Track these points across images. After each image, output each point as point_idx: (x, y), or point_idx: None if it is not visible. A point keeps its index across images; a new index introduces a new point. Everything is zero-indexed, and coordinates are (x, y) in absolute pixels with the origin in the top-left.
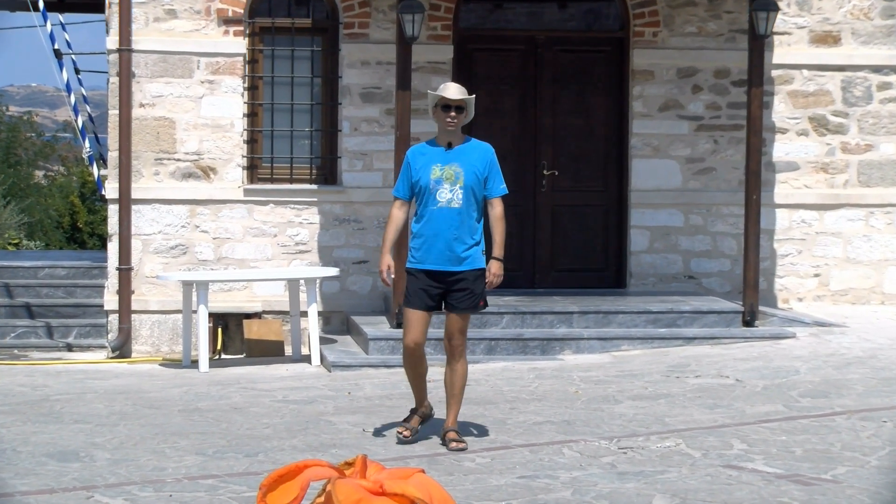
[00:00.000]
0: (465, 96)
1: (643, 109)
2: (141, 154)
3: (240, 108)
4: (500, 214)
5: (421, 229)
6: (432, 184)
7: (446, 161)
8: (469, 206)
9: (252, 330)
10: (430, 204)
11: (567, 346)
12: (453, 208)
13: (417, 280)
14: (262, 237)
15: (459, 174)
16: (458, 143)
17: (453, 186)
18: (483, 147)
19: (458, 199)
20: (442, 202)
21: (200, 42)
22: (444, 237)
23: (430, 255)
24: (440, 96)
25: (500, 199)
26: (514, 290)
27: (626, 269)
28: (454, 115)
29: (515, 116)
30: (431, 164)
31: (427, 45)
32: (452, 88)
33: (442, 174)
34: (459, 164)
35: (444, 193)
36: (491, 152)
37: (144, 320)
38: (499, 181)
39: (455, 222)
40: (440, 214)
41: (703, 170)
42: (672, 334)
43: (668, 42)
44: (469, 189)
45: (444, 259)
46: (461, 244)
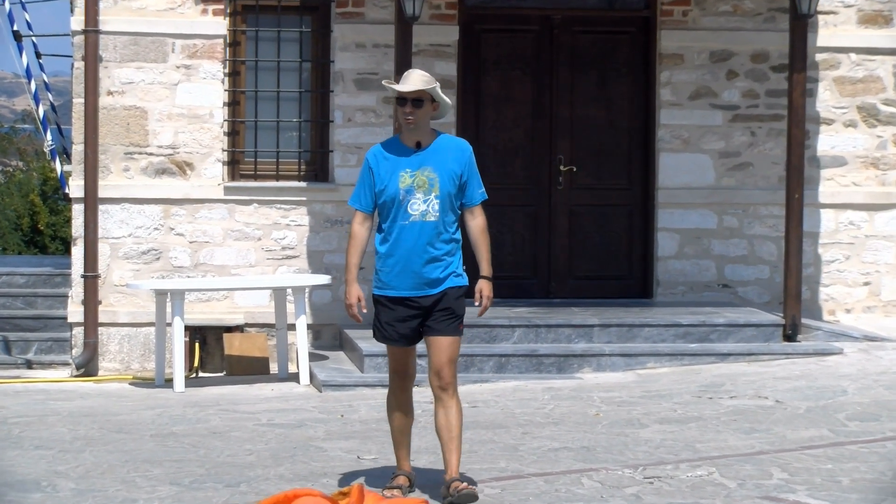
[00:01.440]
0: (422, 87)
1: (672, 98)
2: (109, 148)
3: (220, 97)
4: (483, 225)
5: (389, 249)
6: (402, 194)
7: (417, 165)
8: (446, 217)
9: (233, 345)
10: (398, 218)
11: (586, 363)
12: (428, 222)
13: (388, 310)
14: (244, 241)
15: (434, 180)
16: (427, 142)
17: (427, 196)
18: (458, 145)
19: (433, 210)
20: (414, 215)
21: (176, 22)
22: (419, 258)
23: (401, 280)
24: (393, 88)
25: (481, 207)
26: (528, 301)
27: (652, 276)
28: (411, 109)
29: (528, 106)
30: (399, 170)
31: (430, 26)
32: (411, 79)
33: (413, 181)
34: (433, 168)
35: (416, 205)
36: (469, 151)
37: (113, 334)
38: (477, 185)
39: (431, 239)
40: (412, 230)
41: (739, 165)
42: (704, 350)
43: (700, 22)
44: (446, 197)
45: (418, 284)
46: (439, 265)
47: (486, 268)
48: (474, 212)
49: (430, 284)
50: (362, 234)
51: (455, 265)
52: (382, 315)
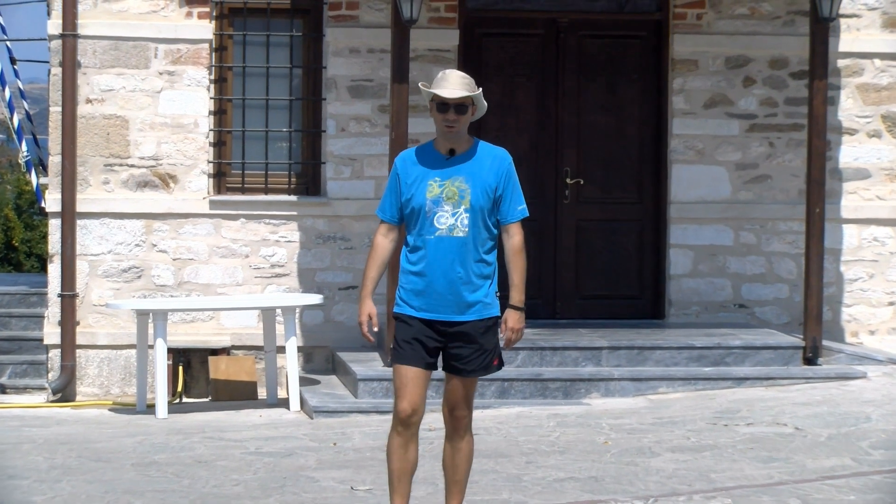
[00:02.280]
0: (467, 92)
1: (685, 106)
2: (88, 159)
3: (205, 105)
4: (518, 246)
5: (412, 264)
6: (428, 204)
7: (447, 174)
8: (478, 235)
9: (219, 368)
10: (425, 231)
11: (594, 387)
12: (456, 237)
13: (410, 327)
14: (231, 258)
15: (465, 192)
16: (462, 149)
17: (456, 209)
18: (497, 154)
19: (462, 225)
20: (441, 229)
21: (159, 26)
22: (445, 276)
23: (426, 300)
24: (434, 93)
25: (520, 226)
26: (532, 321)
27: (664, 296)
28: (454, 116)
29: (533, 114)
30: (428, 178)
31: (428, 30)
32: (451, 81)
33: (442, 192)
34: (465, 179)
35: (444, 218)
36: (507, 161)
37: (92, 357)
38: (517, 200)
39: (459, 256)
40: (439, 246)
41: (757, 178)
42: (719, 374)
43: (715, 26)
44: (478, 212)
45: (444, 305)
46: (468, 286)
47: (517, 295)
48: (510, 230)
49: (455, 309)
50: (385, 247)
51: (484, 291)
52: (400, 332)
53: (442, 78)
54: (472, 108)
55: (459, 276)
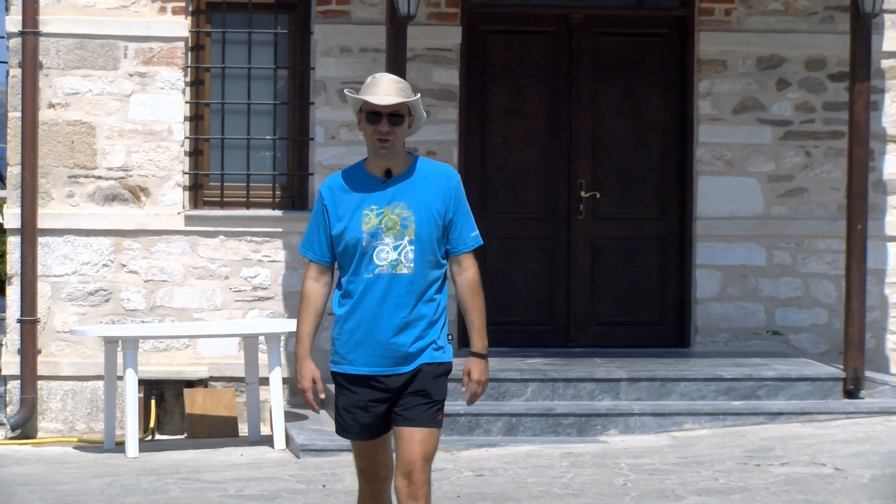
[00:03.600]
0: (402, 98)
1: (712, 111)
2: (51, 169)
3: (180, 110)
4: (475, 281)
5: (348, 311)
6: (366, 238)
7: (385, 199)
8: (425, 270)
9: (196, 402)
10: (362, 270)
11: (612, 423)
12: (400, 276)
13: (350, 393)
14: (209, 279)
15: (409, 220)
16: (400, 169)
17: (399, 241)
18: (442, 172)
19: (406, 260)
20: (382, 266)
21: (129, 23)
22: (387, 324)
23: (362, 353)
24: (360, 100)
25: (473, 257)
26: (543, 350)
27: (689, 322)
28: (388, 128)
29: (543, 120)
30: (362, 207)
31: (427, 27)
32: (383, 86)
33: (380, 222)
34: (407, 204)
35: (384, 252)
36: (455, 180)
37: (55, 389)
38: (469, 226)
39: (404, 298)
40: (378, 286)
41: (792, 191)
42: (750, 409)
43: (746, 22)
44: (425, 243)
45: (385, 358)
46: (413, 332)
47: (479, 341)
48: (463, 262)
49: (401, 360)
50: (318, 294)
51: (435, 334)
52: (340, 399)
53: (372, 83)
54: (410, 119)
55: (405, 321)
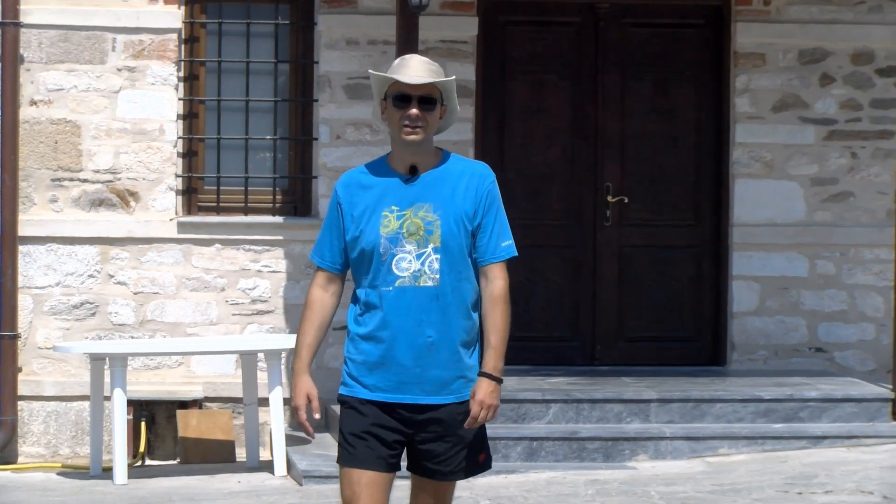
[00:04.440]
0: (436, 78)
1: (750, 109)
2: (32, 172)
3: (172, 107)
4: (501, 294)
5: (366, 328)
6: (384, 244)
7: (409, 200)
8: (455, 283)
9: (189, 424)
10: (380, 281)
11: (642, 448)
12: (424, 288)
13: (363, 417)
14: (203, 291)
15: (433, 224)
16: (428, 166)
17: (423, 248)
18: (476, 171)
19: (431, 270)
20: (403, 277)
21: (117, 13)
22: (411, 343)
23: (385, 376)
24: (390, 79)
25: (504, 268)
26: (566, 369)
27: (725, 338)
28: (417, 112)
29: (567, 118)
30: (381, 208)
31: (441, 17)
32: (414, 66)
33: (401, 226)
34: (433, 206)
35: (405, 262)
36: (490, 179)
37: (36, 410)
38: (503, 234)
39: (429, 314)
40: (401, 300)
41: (837, 195)
42: (792, 432)
43: (786, 13)
44: (452, 251)
45: (410, 383)
46: (443, 355)
47: (492, 360)
48: (491, 273)
49: (425, 388)
50: (325, 304)
51: (467, 362)
52: (349, 423)
53: (400, 63)
54: (443, 109)
55: (430, 341)
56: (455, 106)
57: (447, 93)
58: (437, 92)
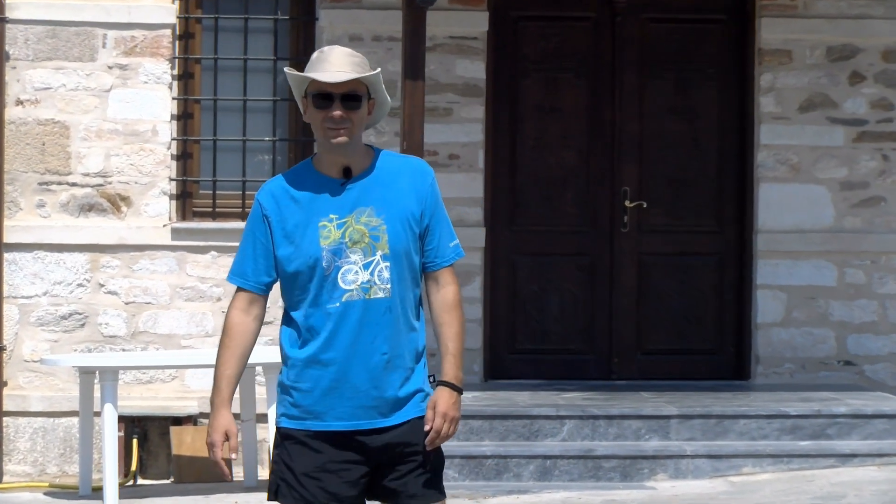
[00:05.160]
0: (359, 73)
1: (776, 108)
2: (18, 175)
3: (166, 107)
4: (454, 299)
5: (313, 350)
6: (327, 257)
7: (348, 206)
8: (404, 292)
9: (184, 442)
10: (324, 299)
11: (661, 467)
12: (377, 301)
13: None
14: (199, 301)
15: (379, 229)
16: (361, 166)
17: (370, 257)
18: (414, 167)
19: (382, 280)
20: (351, 291)
21: (107, 7)
22: (365, 362)
23: (333, 403)
24: (307, 79)
25: (453, 270)
26: (581, 383)
27: (749, 350)
28: (340, 114)
29: (582, 119)
30: (318, 219)
31: (449, 12)
32: (334, 60)
33: (343, 234)
34: (375, 209)
35: (352, 273)
36: (430, 175)
37: (22, 426)
38: (448, 234)
39: (384, 330)
40: (351, 318)
41: (867, 200)
42: (819, 450)
43: (814, 7)
44: (401, 257)
45: (364, 408)
46: (398, 373)
47: (451, 369)
48: (441, 278)
49: (385, 409)
50: (246, 329)
51: (421, 375)
52: (297, 462)
53: (319, 58)
54: (370, 103)
55: (386, 359)
56: (384, 98)
57: (373, 86)
58: (363, 87)
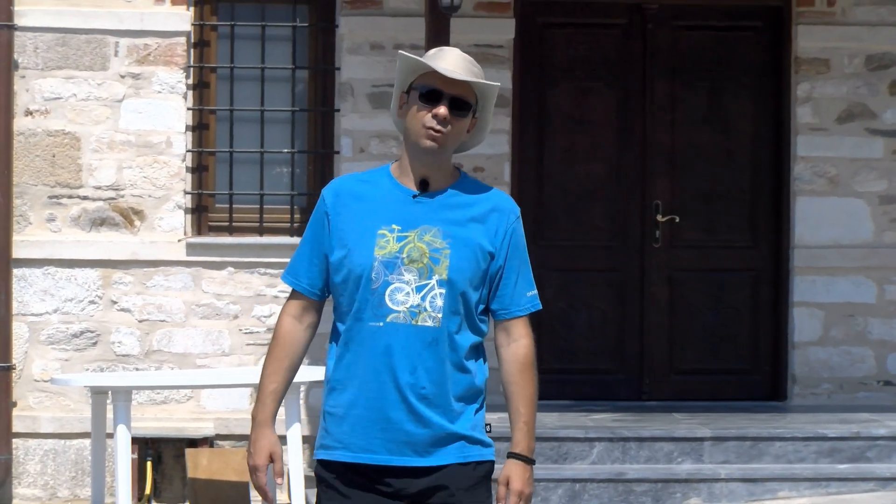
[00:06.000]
0: (473, 77)
1: (813, 119)
2: (28, 189)
3: (181, 118)
4: (527, 358)
5: (346, 372)
6: (377, 268)
7: (414, 220)
8: (456, 327)
9: (199, 464)
10: (367, 314)
11: (694, 490)
12: (423, 329)
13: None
14: (215, 319)
15: (442, 252)
16: (442, 183)
17: (425, 280)
18: (499, 204)
19: (433, 308)
20: (398, 312)
21: (120, 14)
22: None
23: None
24: (423, 65)
25: (528, 323)
26: (611, 404)
27: (785, 370)
28: (445, 113)
29: (611, 129)
30: (378, 225)
31: (474, 19)
32: (452, 59)
33: (402, 249)
34: (442, 231)
35: (402, 293)
36: (515, 214)
37: (33, 448)
38: (526, 282)
39: (426, 361)
40: (391, 341)
41: None
42: (858, 473)
43: (853, 15)
44: (459, 288)
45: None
46: (436, 412)
47: (524, 439)
48: (513, 330)
49: (419, 447)
50: (296, 338)
51: (469, 419)
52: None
53: (437, 54)
54: (473, 121)
55: (424, 392)
56: (488, 120)
57: (484, 101)
58: (474, 97)
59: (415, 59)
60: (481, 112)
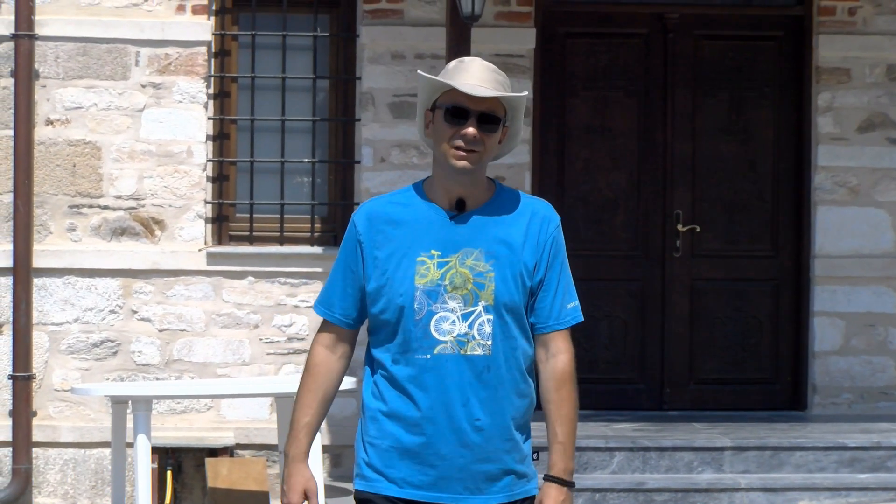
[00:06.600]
0: (503, 92)
1: (834, 129)
2: (48, 198)
3: (201, 127)
4: (567, 372)
5: (394, 405)
6: (419, 298)
7: (454, 244)
8: (509, 351)
9: (220, 474)
10: (413, 347)
11: (715, 500)
12: (473, 358)
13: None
14: (235, 328)
15: (486, 276)
16: (478, 202)
17: (471, 307)
18: (538, 211)
19: (482, 335)
20: (445, 343)
21: (141, 24)
22: (455, 427)
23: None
24: (445, 85)
25: (569, 336)
26: (632, 413)
27: (806, 379)
28: (475, 132)
29: (632, 139)
30: (417, 252)
31: (495, 29)
32: (476, 72)
33: (444, 276)
34: (485, 253)
35: (448, 323)
36: (555, 223)
37: (53, 458)
38: (567, 293)
39: (479, 391)
40: (443, 373)
41: None
42: (879, 483)
43: (874, 24)
44: (507, 311)
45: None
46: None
47: (561, 460)
48: (552, 344)
49: (472, 485)
50: (330, 369)
51: (521, 451)
52: None
53: (458, 67)
54: (504, 130)
55: (479, 425)
56: (519, 128)
57: (513, 111)
58: (502, 109)
59: (437, 80)
60: (511, 122)
